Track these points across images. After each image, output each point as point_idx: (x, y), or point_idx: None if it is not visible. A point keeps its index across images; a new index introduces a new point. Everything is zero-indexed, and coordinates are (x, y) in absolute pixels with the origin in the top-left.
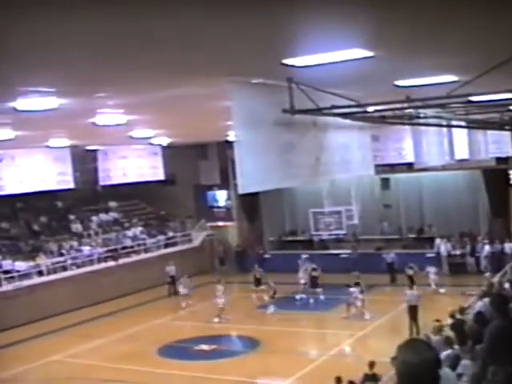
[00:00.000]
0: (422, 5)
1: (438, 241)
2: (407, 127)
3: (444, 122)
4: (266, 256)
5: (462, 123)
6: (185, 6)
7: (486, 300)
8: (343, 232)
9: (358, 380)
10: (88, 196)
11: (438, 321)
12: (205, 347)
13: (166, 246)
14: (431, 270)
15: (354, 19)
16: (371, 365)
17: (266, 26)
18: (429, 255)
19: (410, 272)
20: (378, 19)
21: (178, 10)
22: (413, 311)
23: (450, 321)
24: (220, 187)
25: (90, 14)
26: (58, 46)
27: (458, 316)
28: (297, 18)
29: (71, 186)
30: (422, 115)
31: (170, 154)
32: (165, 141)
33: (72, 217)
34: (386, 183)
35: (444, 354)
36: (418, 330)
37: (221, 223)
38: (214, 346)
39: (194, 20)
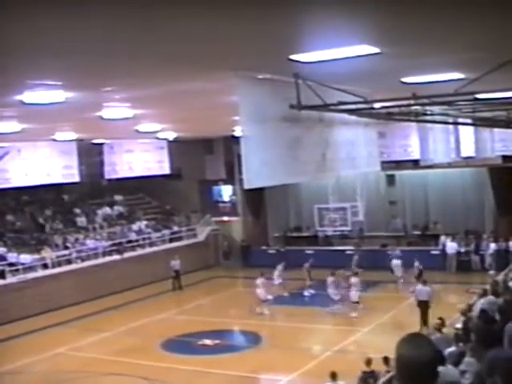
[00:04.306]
0: (428, 2)
1: (442, 238)
2: (413, 124)
3: (450, 120)
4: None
5: (469, 121)
6: (194, 3)
7: (490, 298)
8: (348, 228)
9: (357, 377)
10: (93, 189)
11: (440, 319)
12: (208, 342)
13: (171, 240)
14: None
15: (361, 16)
16: (368, 362)
17: (274, 22)
18: (433, 252)
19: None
20: (386, 16)
21: (186, 7)
22: (423, 306)
23: (462, 318)
24: (225, 182)
25: (100, 9)
26: (66, 39)
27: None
28: (304, 13)
29: (77, 179)
30: (428, 112)
31: (176, 148)
32: (171, 135)
33: (77, 210)
34: (391, 180)
35: (447, 351)
36: (427, 325)
37: (226, 218)
38: (217, 341)
39: (203, 16)
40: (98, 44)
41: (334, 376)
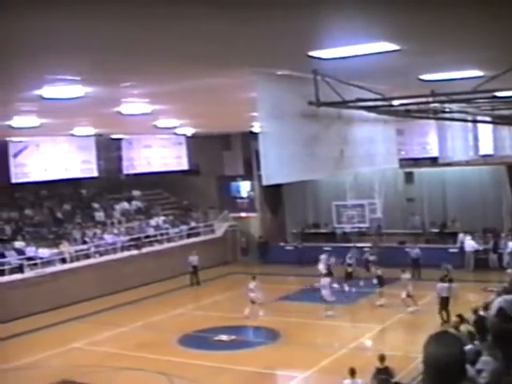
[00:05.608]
0: (448, 0)
1: (461, 236)
2: (432, 122)
3: (469, 117)
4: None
5: (487, 118)
6: (212, 2)
7: (508, 296)
8: (366, 225)
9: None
10: (112, 184)
11: (459, 316)
12: (224, 338)
13: (189, 235)
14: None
15: (380, 13)
16: (382, 358)
17: (293, 18)
18: (451, 250)
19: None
20: (405, 13)
21: (205, 6)
22: (443, 302)
23: (473, 317)
24: (243, 178)
25: (118, 7)
26: (86, 35)
27: (482, 312)
28: (324, 10)
29: (95, 174)
30: (446, 110)
31: (194, 144)
32: (189, 131)
33: (96, 205)
34: (409, 177)
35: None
36: (448, 318)
37: (243, 214)
38: (233, 337)
39: (222, 15)
40: (116, 41)
41: (352, 372)
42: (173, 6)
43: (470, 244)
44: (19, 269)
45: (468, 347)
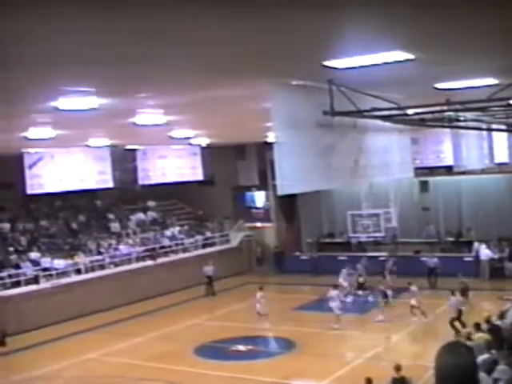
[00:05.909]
0: (463, 8)
1: (476, 245)
2: (447, 130)
3: (484, 126)
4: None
5: (502, 127)
6: (226, 7)
7: None
8: (382, 234)
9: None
10: (127, 195)
11: (476, 325)
12: (241, 348)
13: (204, 246)
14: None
15: (395, 22)
16: (398, 368)
17: (308, 28)
18: (467, 259)
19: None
20: (419, 22)
21: (220, 12)
22: (458, 314)
23: (485, 326)
24: (258, 188)
25: (132, 15)
26: (100, 45)
27: (497, 321)
28: (338, 20)
29: (110, 185)
30: (461, 118)
31: (209, 154)
32: (204, 141)
33: (111, 216)
34: (424, 186)
35: (480, 358)
36: (462, 329)
37: (259, 224)
38: (249, 347)
39: (236, 22)
40: (133, 51)
41: (369, 382)
42: (185, 16)
43: (485, 253)
44: (34, 280)
45: (485, 356)
